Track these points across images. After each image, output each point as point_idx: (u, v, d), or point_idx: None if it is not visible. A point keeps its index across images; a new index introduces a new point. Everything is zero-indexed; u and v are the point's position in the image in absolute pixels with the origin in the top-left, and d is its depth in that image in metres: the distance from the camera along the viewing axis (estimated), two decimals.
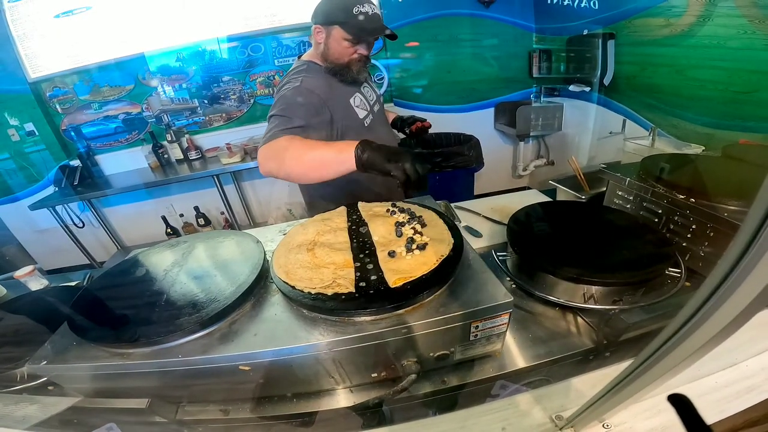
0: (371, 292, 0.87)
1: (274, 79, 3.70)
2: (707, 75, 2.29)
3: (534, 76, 3.86)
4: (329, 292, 0.88)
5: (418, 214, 1.15)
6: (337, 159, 1.14)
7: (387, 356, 0.88)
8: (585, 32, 3.16)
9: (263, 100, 3.78)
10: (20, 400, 0.98)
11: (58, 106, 3.51)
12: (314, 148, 1.21)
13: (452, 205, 1.66)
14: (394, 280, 0.88)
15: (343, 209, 1.28)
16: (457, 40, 3.78)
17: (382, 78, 3.85)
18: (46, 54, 3.31)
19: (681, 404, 0.56)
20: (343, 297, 0.87)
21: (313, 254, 1.03)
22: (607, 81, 3.00)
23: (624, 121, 2.82)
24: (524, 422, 0.62)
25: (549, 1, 3.51)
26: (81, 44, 3.30)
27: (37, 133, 3.48)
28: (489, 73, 3.95)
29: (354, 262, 0.98)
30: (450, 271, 0.92)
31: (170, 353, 0.85)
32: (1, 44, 3.17)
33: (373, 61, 3.72)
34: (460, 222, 1.60)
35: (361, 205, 1.28)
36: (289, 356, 0.84)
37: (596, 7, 3.03)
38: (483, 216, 1.68)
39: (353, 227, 1.17)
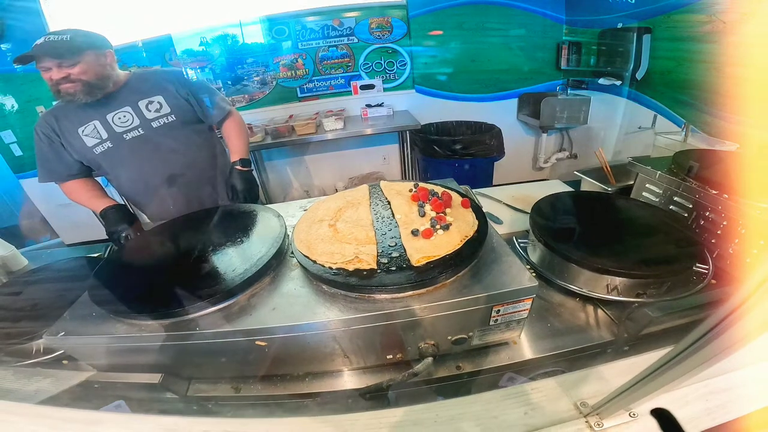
0: (393, 269, 0.86)
1: (297, 61, 3.69)
2: (747, 73, 2.20)
3: (562, 68, 3.77)
4: (350, 267, 0.87)
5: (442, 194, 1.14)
6: None
7: (404, 337, 0.87)
8: (619, 25, 3.06)
9: (286, 83, 3.78)
10: (33, 374, 0.97)
11: None
12: None
13: (473, 191, 1.64)
14: (417, 258, 0.87)
15: (365, 187, 1.27)
16: (484, 28, 3.69)
17: (405, 64, 3.81)
18: None
19: (663, 419, 0.54)
20: (365, 273, 0.86)
21: (335, 229, 1.02)
22: (639, 75, 2.91)
23: (655, 116, 2.74)
24: (547, 408, 0.60)
25: None
26: (110, 24, 3.28)
27: None
28: (514, 64, 3.86)
29: (376, 239, 0.98)
30: (474, 252, 0.90)
31: (188, 326, 0.85)
32: (31, 22, 3.18)
33: (395, 47, 3.69)
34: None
35: (383, 183, 1.28)
36: (307, 332, 0.83)
37: (632, 1, 2.93)
38: (504, 203, 1.66)
39: (375, 204, 1.16)
